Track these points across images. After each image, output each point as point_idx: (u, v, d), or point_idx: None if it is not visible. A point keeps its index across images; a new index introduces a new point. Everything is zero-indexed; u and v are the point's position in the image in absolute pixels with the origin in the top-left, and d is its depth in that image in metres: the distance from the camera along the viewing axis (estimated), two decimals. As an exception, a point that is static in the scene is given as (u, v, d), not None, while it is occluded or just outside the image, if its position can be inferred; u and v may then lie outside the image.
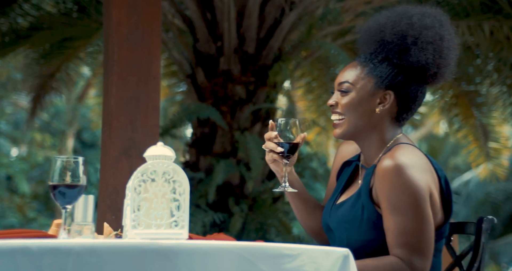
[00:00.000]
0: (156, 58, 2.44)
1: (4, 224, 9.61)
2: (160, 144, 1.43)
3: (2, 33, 4.55)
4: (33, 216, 10.05)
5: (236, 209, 3.46)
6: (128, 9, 2.40)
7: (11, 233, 1.32)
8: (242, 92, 3.75)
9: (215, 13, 3.78)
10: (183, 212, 1.37)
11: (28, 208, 10.18)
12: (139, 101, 2.41)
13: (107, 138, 2.37)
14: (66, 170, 1.32)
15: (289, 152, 1.66)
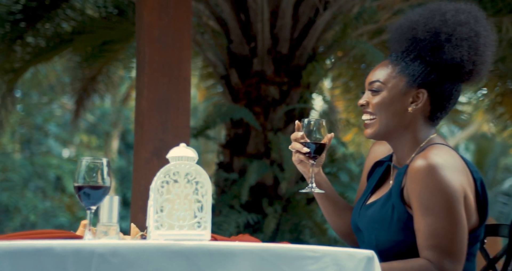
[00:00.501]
0: (187, 59, 2.46)
1: (54, 223, 9.88)
2: (183, 145, 1.44)
3: (47, 38, 4.69)
4: (82, 215, 10.32)
5: (269, 210, 3.45)
6: (159, 11, 2.43)
7: (39, 234, 1.35)
8: (275, 93, 3.74)
9: (249, 14, 3.79)
10: (205, 213, 1.38)
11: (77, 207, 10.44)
12: (170, 102, 2.43)
13: (139, 139, 2.40)
14: (91, 171, 1.34)
15: (315, 152, 1.64)
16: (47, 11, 4.55)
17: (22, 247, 1.18)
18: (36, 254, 1.18)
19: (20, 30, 4.61)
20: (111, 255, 1.23)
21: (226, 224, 3.19)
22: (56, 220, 10.30)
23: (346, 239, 1.83)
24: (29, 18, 4.56)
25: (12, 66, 4.75)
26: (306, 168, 1.70)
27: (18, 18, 4.58)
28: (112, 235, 1.38)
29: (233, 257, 1.32)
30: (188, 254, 1.29)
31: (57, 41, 4.68)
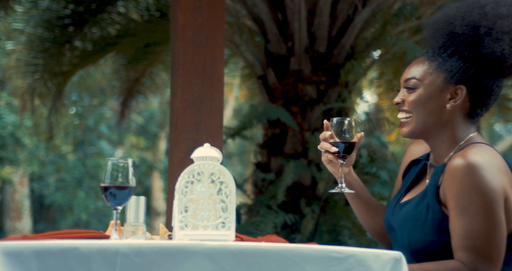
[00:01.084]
0: (220, 60, 2.47)
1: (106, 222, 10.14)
2: (207, 145, 1.44)
3: (94, 41, 4.81)
4: (134, 214, 10.52)
5: (307, 210, 3.43)
6: (193, 12, 2.45)
7: (70, 233, 1.38)
8: (312, 92, 3.72)
9: (286, 13, 3.78)
10: (229, 213, 1.38)
11: (128, 207, 10.69)
12: (203, 102, 2.45)
13: (173, 139, 2.42)
14: (117, 171, 1.36)
15: (345, 152, 1.62)
16: (93, 15, 4.66)
17: (48, 246, 1.20)
18: (62, 253, 1.20)
19: (69, 35, 4.74)
20: (135, 255, 1.24)
21: (264, 224, 3.18)
22: (108, 219, 10.57)
23: (380, 239, 1.80)
24: (77, 23, 4.69)
25: (61, 70, 4.90)
26: (336, 167, 1.68)
27: (66, 22, 4.71)
28: (139, 235, 1.39)
29: (257, 257, 1.31)
30: (212, 254, 1.29)
31: (102, 44, 4.79)
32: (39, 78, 4.92)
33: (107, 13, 4.71)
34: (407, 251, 1.63)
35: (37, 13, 4.86)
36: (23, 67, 5.03)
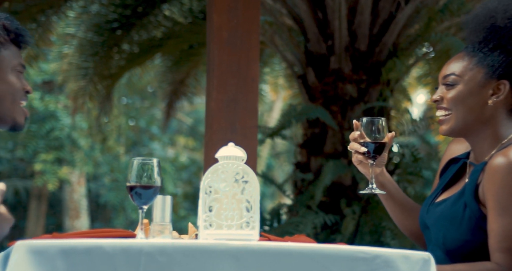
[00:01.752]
0: (255, 60, 2.47)
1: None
2: (231, 144, 1.45)
3: (140, 44, 4.91)
4: (184, 214, 10.72)
5: (348, 211, 3.39)
6: (228, 13, 2.46)
7: (100, 232, 1.41)
8: (353, 91, 3.67)
9: (326, 11, 3.75)
10: (253, 213, 1.38)
11: (179, 207, 10.88)
12: (238, 103, 2.46)
13: (209, 140, 2.45)
14: (142, 171, 1.38)
15: (375, 152, 1.60)
16: (140, 19, 4.76)
17: (74, 245, 1.23)
18: (87, 252, 1.23)
19: (117, 38, 4.86)
20: (158, 254, 1.26)
21: (303, 224, 3.16)
22: (159, 218, 10.78)
23: (416, 240, 1.77)
24: (124, 26, 4.80)
25: (109, 72, 5.02)
26: (367, 168, 1.65)
27: (114, 26, 4.83)
28: (166, 234, 1.41)
29: (281, 257, 1.31)
30: (235, 254, 1.29)
31: (148, 47, 4.89)
32: (89, 80, 5.06)
33: (153, 16, 4.79)
34: (442, 250, 1.59)
35: (88, 18, 5.00)
36: (75, 70, 5.19)
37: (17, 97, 1.41)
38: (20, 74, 1.42)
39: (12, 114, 1.41)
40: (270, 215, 3.47)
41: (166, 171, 10.87)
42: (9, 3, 4.55)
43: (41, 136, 10.07)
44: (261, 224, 3.49)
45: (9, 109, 1.40)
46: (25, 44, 1.45)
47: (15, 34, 1.41)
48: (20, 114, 1.42)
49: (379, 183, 1.70)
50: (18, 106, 1.42)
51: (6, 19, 1.40)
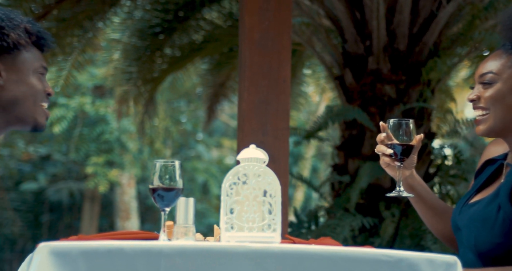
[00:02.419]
0: (286, 61, 2.46)
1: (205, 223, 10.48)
2: (253, 146, 1.44)
3: (181, 48, 4.98)
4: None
5: (387, 214, 3.33)
6: (259, 15, 2.46)
7: (125, 234, 1.43)
8: (391, 92, 3.61)
9: (364, 11, 3.70)
10: (275, 215, 1.37)
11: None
12: (269, 104, 2.45)
13: (240, 142, 2.45)
14: (164, 173, 1.39)
15: (402, 154, 1.57)
16: (181, 23, 4.82)
17: (95, 247, 1.25)
18: (108, 254, 1.24)
19: (159, 42, 4.94)
20: (178, 256, 1.27)
21: (340, 227, 3.12)
22: (206, 220, 10.90)
23: (448, 242, 1.73)
24: (166, 31, 4.87)
25: (152, 76, 5.11)
26: (395, 171, 1.62)
27: (157, 31, 4.91)
28: (189, 236, 1.42)
29: (302, 260, 1.29)
30: (255, 256, 1.29)
31: (189, 50, 4.94)
32: (133, 84, 5.15)
33: (194, 20, 4.85)
34: (473, 252, 1.55)
35: (132, 23, 5.10)
36: (120, 75, 5.30)
37: (38, 99, 1.44)
38: (41, 76, 1.46)
39: (34, 115, 1.44)
40: (308, 217, 3.45)
41: (212, 173, 10.97)
42: (57, 11, 4.69)
43: (92, 139, 10.34)
44: (298, 226, 3.47)
45: (30, 110, 1.43)
46: (47, 47, 1.48)
47: (36, 37, 1.45)
48: (41, 115, 1.46)
49: (408, 186, 1.67)
50: (39, 107, 1.45)
51: (28, 22, 1.44)
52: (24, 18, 1.44)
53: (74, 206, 11.71)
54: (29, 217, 11.35)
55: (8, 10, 1.43)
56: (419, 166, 3.55)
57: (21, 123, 1.42)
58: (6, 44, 1.38)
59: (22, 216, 11.17)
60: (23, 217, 11.18)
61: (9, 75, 1.40)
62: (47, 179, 11.25)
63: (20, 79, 1.40)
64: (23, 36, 1.41)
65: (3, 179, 11.18)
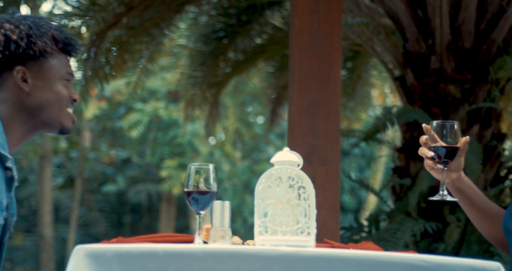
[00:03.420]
0: (337, 63, 2.42)
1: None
2: (287, 149, 1.43)
3: (244, 51, 5.02)
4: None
5: (451, 218, 3.20)
6: (309, 17, 2.44)
7: (162, 237, 1.45)
8: (456, 92, 3.47)
9: (426, 9, 3.58)
10: (309, 219, 1.35)
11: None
12: (319, 107, 2.42)
13: (290, 145, 2.43)
14: (199, 176, 1.40)
15: (446, 157, 1.51)
16: (243, 26, 4.86)
17: (129, 250, 1.27)
18: (141, 257, 1.26)
19: (223, 47, 5.00)
20: (210, 259, 1.27)
21: (400, 232, 3.03)
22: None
23: (501, 246, 1.64)
24: (229, 35, 4.93)
25: (216, 80, 5.18)
26: (440, 174, 1.56)
27: (220, 35, 4.98)
28: (226, 240, 1.42)
29: (334, 264, 1.27)
30: (287, 260, 1.27)
31: (251, 53, 4.98)
32: (199, 89, 5.25)
33: (256, 23, 4.88)
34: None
35: (197, 29, 5.20)
36: (186, 79, 5.41)
37: (63, 105, 1.49)
38: (67, 83, 1.50)
39: (60, 119, 1.49)
40: (368, 221, 3.37)
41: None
42: (127, 19, 4.84)
43: (165, 143, 10.63)
44: (358, 230, 3.40)
45: (56, 114, 1.48)
46: (75, 53, 1.53)
47: (63, 44, 1.50)
48: (67, 119, 1.50)
49: (456, 189, 1.61)
50: (64, 112, 1.49)
51: (55, 29, 1.49)
52: (52, 26, 1.49)
53: (153, 207, 12.06)
54: (112, 218, 11.81)
55: (38, 17, 1.48)
56: (488, 169, 3.40)
57: (48, 128, 1.48)
58: (32, 52, 1.44)
59: (106, 217, 11.63)
60: (107, 218, 11.65)
61: (35, 82, 1.45)
62: (126, 181, 11.66)
63: (46, 86, 1.46)
64: (50, 43, 1.46)
65: (89, 181, 11.71)
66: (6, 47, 1.43)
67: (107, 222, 11.67)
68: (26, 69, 1.45)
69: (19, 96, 1.45)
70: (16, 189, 1.47)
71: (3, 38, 1.42)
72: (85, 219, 11.38)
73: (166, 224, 11.60)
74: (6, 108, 1.45)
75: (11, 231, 1.46)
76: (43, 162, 10.03)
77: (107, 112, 11.66)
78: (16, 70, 1.44)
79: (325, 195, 2.34)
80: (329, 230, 2.36)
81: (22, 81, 1.45)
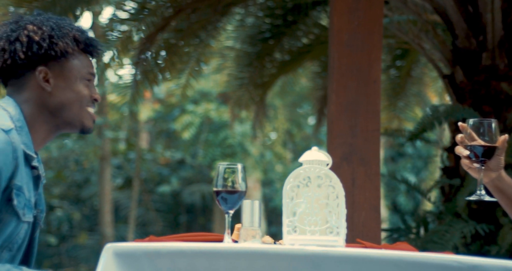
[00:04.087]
0: (377, 61, 2.37)
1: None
2: (315, 148, 1.41)
3: (290, 51, 5.01)
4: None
5: (504, 220, 3.07)
6: (348, 16, 2.40)
7: (193, 236, 1.45)
8: (509, 89, 3.33)
9: (477, 4, 3.46)
10: (337, 218, 1.33)
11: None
12: (358, 106, 2.38)
13: (330, 145, 2.40)
14: (228, 176, 1.40)
15: (484, 156, 1.46)
16: (289, 27, 4.85)
17: (157, 248, 1.29)
18: (169, 255, 1.28)
19: (269, 48, 5.00)
20: (236, 258, 1.27)
21: (449, 234, 2.93)
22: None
23: None
24: (275, 35, 4.93)
25: (262, 81, 5.19)
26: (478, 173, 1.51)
27: (266, 36, 4.98)
28: (256, 239, 1.42)
29: (363, 264, 1.24)
30: (314, 260, 1.26)
31: (297, 54, 4.95)
32: (245, 90, 5.27)
33: (302, 23, 4.85)
34: None
35: (243, 30, 5.22)
36: (233, 81, 5.45)
37: (83, 104, 1.51)
38: (88, 83, 1.53)
39: (80, 119, 1.51)
40: (416, 223, 3.28)
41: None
42: (176, 22, 4.92)
43: (217, 144, 10.73)
44: (406, 232, 3.32)
45: (77, 114, 1.50)
46: (96, 53, 1.55)
47: (84, 44, 1.52)
48: (88, 119, 1.52)
49: (496, 188, 1.55)
50: (85, 111, 1.52)
51: (77, 30, 1.52)
52: (74, 27, 1.52)
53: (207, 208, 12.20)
54: (169, 218, 12.02)
55: (60, 18, 1.51)
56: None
57: (69, 127, 1.51)
58: (54, 52, 1.47)
59: (163, 216, 11.85)
60: (164, 217, 11.86)
61: (57, 82, 1.48)
62: (179, 182, 11.84)
63: (67, 86, 1.48)
64: (71, 44, 1.49)
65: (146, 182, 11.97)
66: (29, 48, 1.46)
67: (163, 222, 11.87)
68: (48, 69, 1.48)
69: (41, 96, 1.48)
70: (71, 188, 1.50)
71: (26, 39, 1.46)
72: (143, 219, 11.63)
73: (220, 224, 11.70)
74: (29, 108, 1.48)
75: (41, 226, 1.50)
76: (103, 163, 10.31)
77: (163, 115, 11.89)
78: (38, 70, 1.48)
79: (365, 195, 2.30)
80: (370, 230, 2.32)
81: (44, 82, 1.48)
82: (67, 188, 11.67)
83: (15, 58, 1.46)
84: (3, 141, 1.38)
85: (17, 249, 1.42)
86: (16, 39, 1.46)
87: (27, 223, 1.44)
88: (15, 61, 1.46)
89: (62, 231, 11.37)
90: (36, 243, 1.50)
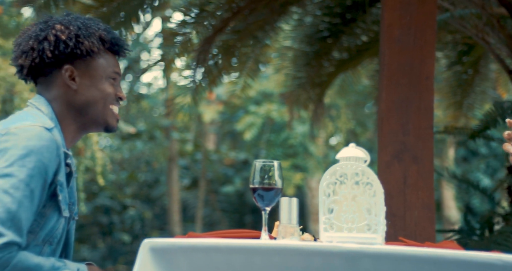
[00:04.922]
0: (430, 57, 2.29)
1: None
2: (352, 145, 1.38)
3: (348, 49, 4.95)
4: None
5: None
6: (400, 11, 2.33)
7: (231, 233, 1.46)
8: None
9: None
10: (375, 215, 1.30)
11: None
12: (410, 103, 2.31)
13: (381, 143, 2.34)
14: (264, 173, 1.40)
15: None
16: (347, 25, 4.79)
17: (193, 244, 1.30)
18: (205, 251, 1.29)
19: (327, 46, 4.96)
20: (272, 254, 1.27)
21: (511, 234, 2.80)
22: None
23: None
24: (334, 34, 4.87)
25: (320, 80, 5.15)
26: None
27: (325, 35, 4.94)
28: (294, 236, 1.41)
29: (401, 262, 1.21)
30: (350, 257, 1.24)
31: (356, 52, 4.88)
32: (303, 89, 5.24)
33: (361, 21, 4.78)
34: None
35: (301, 29, 5.20)
36: (290, 80, 5.43)
37: (107, 102, 1.53)
38: (114, 81, 1.55)
39: (104, 118, 1.53)
40: (480, 224, 3.15)
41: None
42: (234, 23, 4.96)
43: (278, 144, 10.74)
44: (469, 233, 3.20)
45: (101, 112, 1.53)
46: (123, 53, 1.57)
47: (110, 44, 1.54)
48: (111, 118, 1.54)
49: None
50: (109, 110, 1.54)
51: (103, 30, 1.54)
52: (101, 26, 1.54)
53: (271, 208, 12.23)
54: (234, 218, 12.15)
55: (88, 18, 1.54)
56: None
57: (95, 125, 1.53)
58: (80, 51, 1.50)
59: (229, 216, 11.99)
60: (230, 217, 12.00)
61: (83, 80, 1.51)
62: (242, 182, 11.94)
63: (93, 84, 1.51)
64: (97, 43, 1.51)
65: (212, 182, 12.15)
66: (56, 47, 1.49)
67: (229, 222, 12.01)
68: (74, 68, 1.51)
69: (68, 94, 1.52)
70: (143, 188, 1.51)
71: (54, 38, 1.50)
72: (210, 219, 11.81)
73: (286, 224, 11.70)
74: (58, 106, 1.52)
75: (74, 218, 1.54)
76: (171, 164, 10.54)
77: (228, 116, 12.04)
78: (65, 69, 1.51)
79: (417, 194, 2.23)
80: (423, 230, 2.25)
81: (70, 80, 1.52)
82: (138, 188, 12.00)
83: (43, 57, 1.50)
84: (48, 138, 1.43)
85: (57, 243, 1.47)
86: (45, 38, 1.50)
87: (65, 217, 1.48)
88: (43, 59, 1.50)
89: (134, 229, 11.71)
90: (72, 235, 1.54)
